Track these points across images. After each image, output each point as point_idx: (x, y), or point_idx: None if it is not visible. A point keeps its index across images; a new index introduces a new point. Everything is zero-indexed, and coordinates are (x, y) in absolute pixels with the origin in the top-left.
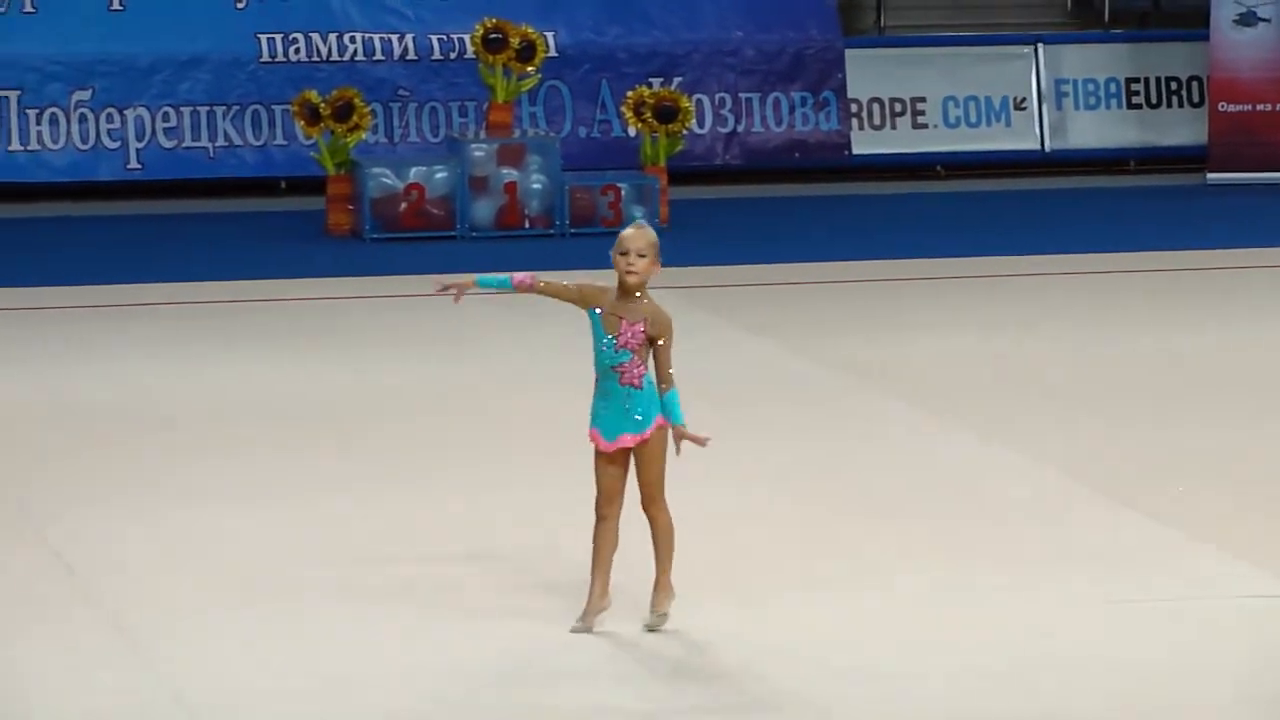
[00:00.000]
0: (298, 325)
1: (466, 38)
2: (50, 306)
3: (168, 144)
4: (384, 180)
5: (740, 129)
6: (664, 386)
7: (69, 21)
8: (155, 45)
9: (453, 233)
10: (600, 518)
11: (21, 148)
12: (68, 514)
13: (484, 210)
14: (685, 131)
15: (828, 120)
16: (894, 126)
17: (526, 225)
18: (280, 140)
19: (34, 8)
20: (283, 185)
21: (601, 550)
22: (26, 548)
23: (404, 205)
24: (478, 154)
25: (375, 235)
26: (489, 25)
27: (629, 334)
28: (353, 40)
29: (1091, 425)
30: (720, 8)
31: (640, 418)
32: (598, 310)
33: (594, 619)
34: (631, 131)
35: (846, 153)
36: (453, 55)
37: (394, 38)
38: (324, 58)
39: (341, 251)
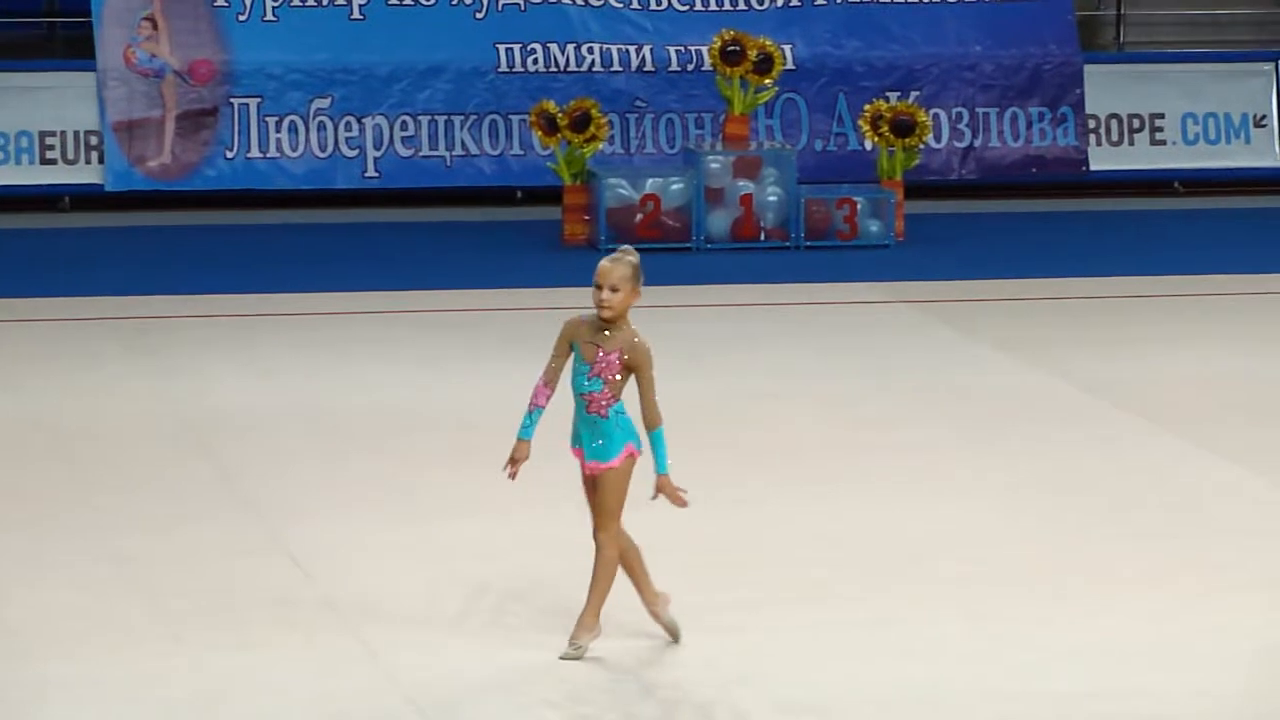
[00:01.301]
0: (534, 334)
1: (704, 49)
2: (285, 313)
3: (405, 153)
4: (620, 191)
5: (977, 144)
6: (650, 423)
7: (309, 31)
8: (394, 55)
9: (688, 244)
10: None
11: (261, 155)
12: (308, 520)
13: (719, 222)
14: (922, 146)
15: (1065, 136)
16: (1132, 143)
17: (761, 238)
18: (517, 150)
19: (275, 16)
20: (519, 195)
21: (629, 566)
22: (267, 553)
23: (640, 216)
24: (714, 166)
25: (611, 245)
26: (727, 37)
27: (604, 363)
28: (590, 51)
29: None
30: (960, 23)
31: (602, 445)
32: (577, 341)
33: (666, 623)
34: (868, 145)
35: (1084, 168)
36: (690, 67)
37: (632, 49)
38: (562, 68)
39: (577, 261)
